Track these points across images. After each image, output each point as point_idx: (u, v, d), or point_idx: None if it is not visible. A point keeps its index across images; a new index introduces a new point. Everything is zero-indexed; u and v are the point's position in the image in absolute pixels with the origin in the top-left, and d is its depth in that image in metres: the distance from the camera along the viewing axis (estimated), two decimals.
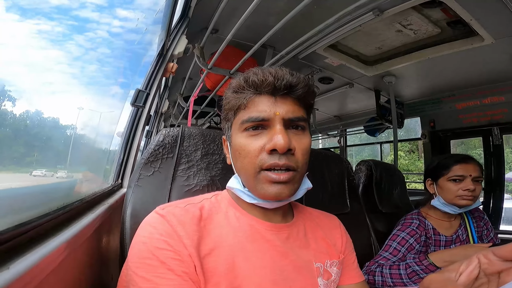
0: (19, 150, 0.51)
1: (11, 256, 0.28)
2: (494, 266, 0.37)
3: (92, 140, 0.91)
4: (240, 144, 0.51)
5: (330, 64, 2.00)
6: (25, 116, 0.51)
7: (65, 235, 0.37)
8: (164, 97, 2.47)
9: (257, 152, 0.49)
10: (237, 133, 0.52)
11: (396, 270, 0.93)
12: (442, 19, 1.50)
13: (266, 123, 0.50)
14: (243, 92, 0.51)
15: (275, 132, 0.48)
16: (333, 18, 1.18)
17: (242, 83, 0.51)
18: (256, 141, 0.50)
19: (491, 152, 2.30)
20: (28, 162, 0.54)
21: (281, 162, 0.48)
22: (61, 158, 0.73)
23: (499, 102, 2.18)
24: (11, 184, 0.42)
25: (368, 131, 3.31)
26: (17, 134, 0.51)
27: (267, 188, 0.49)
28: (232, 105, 0.53)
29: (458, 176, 1.03)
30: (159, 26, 1.04)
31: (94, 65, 0.82)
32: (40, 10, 0.57)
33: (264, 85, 0.50)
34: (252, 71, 0.52)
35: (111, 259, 0.65)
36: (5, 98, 0.44)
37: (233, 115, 0.54)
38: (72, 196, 0.54)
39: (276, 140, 0.47)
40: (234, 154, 0.53)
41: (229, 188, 0.57)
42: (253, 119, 0.50)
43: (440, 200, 1.06)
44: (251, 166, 0.50)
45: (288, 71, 0.51)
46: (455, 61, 1.84)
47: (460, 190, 1.01)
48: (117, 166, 0.94)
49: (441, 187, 1.07)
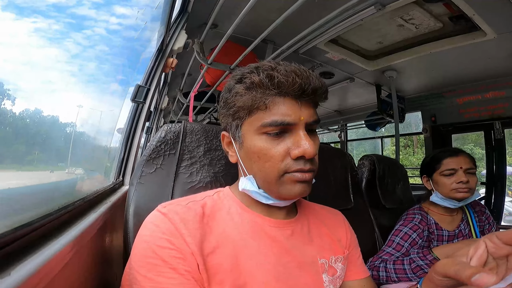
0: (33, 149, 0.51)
1: (13, 260, 0.27)
2: (501, 250, 0.37)
3: (92, 138, 0.91)
4: (259, 148, 0.48)
5: (331, 59, 1.98)
6: (25, 114, 0.51)
7: (69, 236, 0.36)
8: (164, 93, 2.45)
9: (281, 157, 0.48)
10: (254, 135, 0.49)
11: (400, 265, 0.93)
12: (444, 14, 1.48)
13: (289, 128, 0.48)
14: (264, 90, 0.47)
15: (301, 138, 0.47)
16: (334, 13, 1.17)
17: (266, 81, 0.46)
18: (279, 145, 0.48)
19: (492, 146, 2.30)
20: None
21: (306, 168, 0.48)
22: (64, 156, 0.73)
23: (500, 96, 2.17)
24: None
25: (369, 126, 3.31)
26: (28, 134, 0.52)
27: (291, 189, 0.49)
28: (246, 103, 0.48)
29: (450, 169, 1.04)
30: (158, 22, 1.03)
31: (93, 63, 0.81)
32: (36, 8, 0.56)
33: (293, 88, 0.46)
34: (269, 66, 0.48)
35: (115, 258, 0.65)
36: (15, 98, 0.43)
37: (247, 114, 0.49)
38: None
39: (305, 147, 0.46)
40: (250, 157, 0.50)
41: (244, 191, 0.54)
42: (277, 123, 0.47)
43: (437, 195, 1.07)
44: (273, 170, 0.48)
45: (311, 74, 0.48)
46: (456, 55, 1.83)
47: (454, 183, 1.02)
48: (118, 163, 0.93)
49: (436, 182, 1.08)
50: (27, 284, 0.25)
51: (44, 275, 0.28)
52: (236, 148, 0.54)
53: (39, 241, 0.32)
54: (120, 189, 0.85)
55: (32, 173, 0.51)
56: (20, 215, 0.31)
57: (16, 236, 0.29)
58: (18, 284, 0.24)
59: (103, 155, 1.02)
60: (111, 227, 0.63)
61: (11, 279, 0.24)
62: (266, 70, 0.47)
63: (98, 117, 0.86)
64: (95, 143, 0.93)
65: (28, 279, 0.25)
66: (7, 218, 0.30)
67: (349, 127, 3.87)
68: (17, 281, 0.24)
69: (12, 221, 0.30)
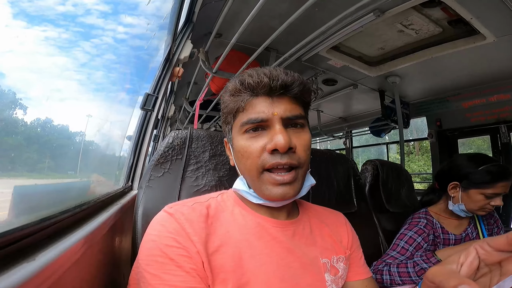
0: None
1: (37, 248, 0.30)
2: (492, 256, 0.36)
3: (104, 147, 0.94)
4: (241, 146, 0.52)
5: (334, 66, 2.01)
6: (36, 123, 0.53)
7: (83, 231, 0.39)
8: (170, 101, 2.50)
9: (259, 153, 0.50)
10: (238, 136, 0.54)
11: (404, 268, 0.92)
12: (443, 18, 1.50)
13: (265, 124, 0.51)
14: (240, 94, 0.52)
15: (275, 132, 0.49)
16: (335, 20, 1.20)
17: (238, 86, 0.52)
18: (256, 142, 0.51)
19: (499, 150, 2.27)
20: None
21: (283, 161, 0.49)
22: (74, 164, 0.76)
23: (505, 99, 2.16)
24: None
25: (373, 132, 3.30)
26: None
27: (271, 190, 0.50)
28: (230, 108, 0.54)
29: (497, 194, 0.95)
30: (165, 32, 1.07)
31: (101, 72, 0.84)
32: (46, 17, 0.59)
33: (260, 86, 0.50)
34: (247, 73, 0.53)
35: (123, 258, 0.67)
36: (26, 107, 0.46)
37: (233, 118, 0.55)
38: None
39: (276, 140, 0.48)
40: (237, 156, 0.54)
41: (235, 190, 0.58)
42: (252, 120, 0.51)
43: (460, 207, 1.01)
44: (253, 167, 0.51)
45: (282, 70, 0.52)
46: (458, 59, 1.84)
47: (488, 204, 0.96)
48: (127, 169, 0.96)
49: (469, 196, 0.99)
50: (48, 269, 0.28)
51: (62, 263, 0.31)
52: (231, 151, 0.58)
53: (58, 234, 0.35)
54: (129, 193, 0.88)
55: (43, 181, 0.54)
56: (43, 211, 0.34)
57: (41, 227, 0.32)
58: (41, 268, 0.27)
59: (113, 163, 1.05)
60: (121, 228, 0.66)
61: (36, 263, 0.27)
62: (240, 77, 0.53)
63: (109, 127, 0.89)
64: (107, 153, 0.97)
65: (49, 265, 0.28)
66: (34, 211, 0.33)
67: (354, 133, 3.86)
68: (40, 266, 0.27)
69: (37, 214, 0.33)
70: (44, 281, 0.27)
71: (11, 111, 0.45)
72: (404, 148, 2.40)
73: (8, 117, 0.45)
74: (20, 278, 0.24)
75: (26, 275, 0.25)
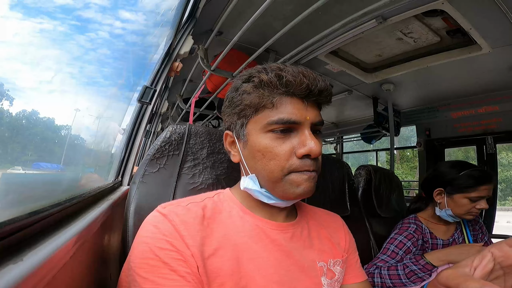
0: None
1: (24, 247, 0.27)
2: (509, 258, 0.37)
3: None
4: (264, 146, 0.49)
5: (331, 71, 2.03)
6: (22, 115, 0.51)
7: (76, 228, 0.36)
8: (164, 97, 2.46)
9: (287, 156, 0.49)
10: (259, 133, 0.50)
11: (394, 271, 0.94)
12: (442, 28, 1.53)
13: (295, 127, 0.49)
14: (272, 89, 0.48)
15: (307, 137, 0.48)
16: (338, 25, 1.20)
17: (275, 80, 0.48)
18: (284, 144, 0.49)
19: (484, 160, 2.34)
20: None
21: (311, 168, 0.49)
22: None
23: (493, 111, 2.23)
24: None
25: (364, 138, 3.35)
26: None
27: (297, 187, 0.49)
28: (254, 101, 0.50)
29: (481, 197, 0.98)
30: (168, 25, 1.04)
31: (106, 67, 0.81)
32: (44, 9, 0.56)
33: (300, 87, 0.47)
34: (277, 67, 0.49)
35: (111, 258, 0.64)
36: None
37: (253, 113, 0.51)
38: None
39: (311, 146, 0.47)
40: (254, 155, 0.51)
41: (246, 189, 0.54)
42: (283, 121, 0.48)
43: (447, 212, 1.04)
44: (278, 168, 0.49)
45: (317, 76, 0.50)
46: (452, 70, 1.88)
47: (474, 208, 0.99)
48: (118, 163, 0.93)
49: (454, 201, 1.02)
50: (38, 271, 0.25)
51: (54, 263, 0.28)
52: (240, 147, 0.55)
53: (48, 230, 0.33)
54: (119, 189, 0.85)
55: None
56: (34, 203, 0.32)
57: (29, 222, 0.29)
58: (30, 270, 0.24)
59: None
60: (111, 224, 0.63)
61: (24, 265, 0.24)
62: (274, 70, 0.49)
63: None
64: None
65: (40, 265, 0.25)
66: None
67: (345, 139, 3.90)
68: (29, 267, 0.24)
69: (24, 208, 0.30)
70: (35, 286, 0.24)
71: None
72: (394, 156, 2.44)
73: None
74: (5, 283, 0.21)
75: (14, 279, 0.22)
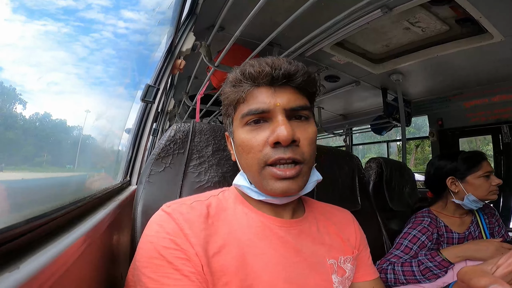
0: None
1: (22, 254, 0.26)
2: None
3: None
4: (242, 140, 0.50)
5: (337, 62, 1.98)
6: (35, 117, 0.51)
7: (81, 230, 0.36)
8: (170, 95, 2.47)
9: (261, 147, 0.47)
10: (239, 128, 0.51)
11: (408, 267, 0.91)
12: (451, 17, 1.48)
13: (267, 115, 0.48)
14: (241, 85, 0.50)
15: (278, 124, 0.46)
16: (341, 16, 1.17)
17: (239, 76, 0.50)
18: (258, 135, 0.48)
19: (500, 150, 2.27)
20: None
21: (286, 156, 0.46)
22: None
23: (508, 100, 2.15)
24: None
25: (374, 130, 3.28)
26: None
27: (273, 185, 0.47)
28: (231, 99, 0.52)
29: (489, 172, 1.03)
30: (168, 23, 1.04)
31: (111, 68, 0.82)
32: (47, 12, 0.56)
33: (262, 76, 0.48)
34: (248, 63, 0.50)
35: (121, 258, 0.64)
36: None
37: (233, 110, 0.52)
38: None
39: (278, 132, 0.45)
40: (238, 150, 0.52)
41: (235, 185, 0.55)
42: (253, 111, 0.48)
43: (470, 197, 1.03)
44: (255, 161, 0.48)
45: (286, 60, 0.49)
46: (463, 59, 1.82)
47: (491, 185, 1.02)
48: (125, 163, 0.94)
49: (471, 184, 1.04)
50: (37, 278, 0.23)
51: (54, 269, 0.27)
52: (232, 145, 0.55)
53: (50, 234, 0.32)
54: (127, 189, 0.85)
55: (41, 174, 0.51)
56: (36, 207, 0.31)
57: (28, 229, 0.28)
58: (26, 278, 0.22)
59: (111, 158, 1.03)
60: (119, 225, 0.63)
61: (20, 273, 0.22)
62: (241, 67, 0.50)
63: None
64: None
65: (38, 273, 0.24)
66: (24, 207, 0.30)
67: (355, 131, 3.84)
68: (26, 275, 0.22)
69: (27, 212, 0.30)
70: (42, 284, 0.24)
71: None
72: (406, 147, 2.39)
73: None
74: (14, 281, 0.21)
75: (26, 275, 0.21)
